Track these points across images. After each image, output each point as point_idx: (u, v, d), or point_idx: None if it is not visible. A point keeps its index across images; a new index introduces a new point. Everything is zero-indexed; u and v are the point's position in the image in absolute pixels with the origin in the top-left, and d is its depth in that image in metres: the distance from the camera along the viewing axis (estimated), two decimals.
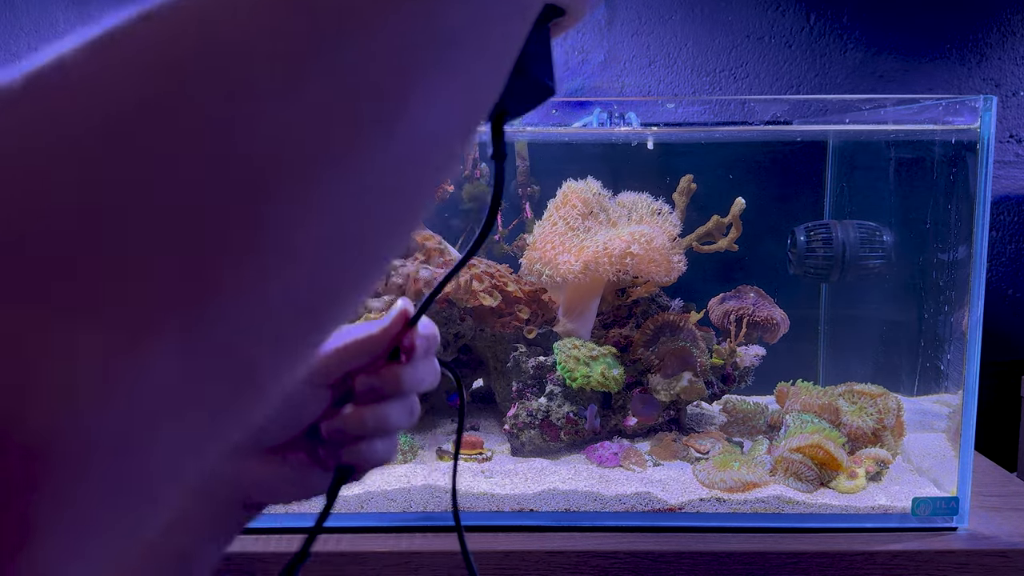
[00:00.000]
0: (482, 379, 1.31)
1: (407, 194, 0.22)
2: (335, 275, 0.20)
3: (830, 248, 1.08)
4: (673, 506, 0.97)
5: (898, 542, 0.92)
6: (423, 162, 0.22)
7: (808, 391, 1.11)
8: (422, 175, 0.22)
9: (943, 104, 0.97)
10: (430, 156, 0.22)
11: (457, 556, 0.90)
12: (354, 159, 0.19)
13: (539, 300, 1.20)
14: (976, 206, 0.94)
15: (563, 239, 1.16)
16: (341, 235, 0.20)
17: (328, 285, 0.20)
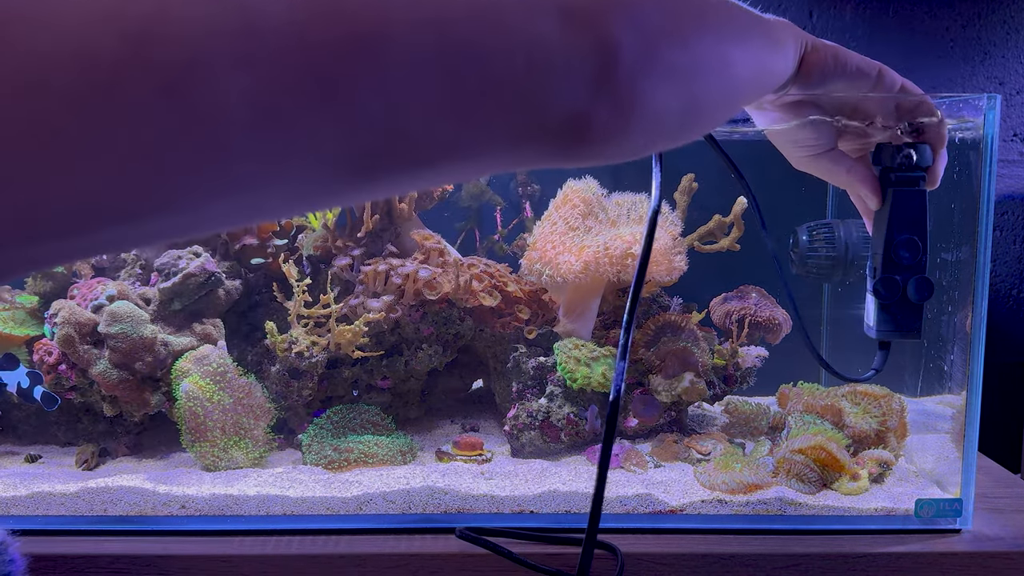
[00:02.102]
0: (482, 380, 1.30)
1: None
2: None
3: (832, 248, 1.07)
4: (674, 508, 0.96)
5: (901, 544, 0.92)
6: None
7: (810, 392, 1.10)
8: None
9: (946, 103, 0.96)
10: None
11: (457, 557, 0.89)
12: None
13: (539, 300, 1.20)
14: (980, 205, 0.93)
15: (563, 239, 1.15)
16: None
17: None
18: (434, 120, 0.28)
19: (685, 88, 0.37)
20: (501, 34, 0.29)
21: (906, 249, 0.87)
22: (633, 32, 0.32)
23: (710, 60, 0.38)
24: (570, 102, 0.31)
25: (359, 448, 1.04)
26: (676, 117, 0.37)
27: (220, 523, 0.95)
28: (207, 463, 1.04)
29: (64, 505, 0.96)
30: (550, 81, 0.30)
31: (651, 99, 0.34)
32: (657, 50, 0.34)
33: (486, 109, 0.29)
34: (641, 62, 0.33)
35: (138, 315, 1.07)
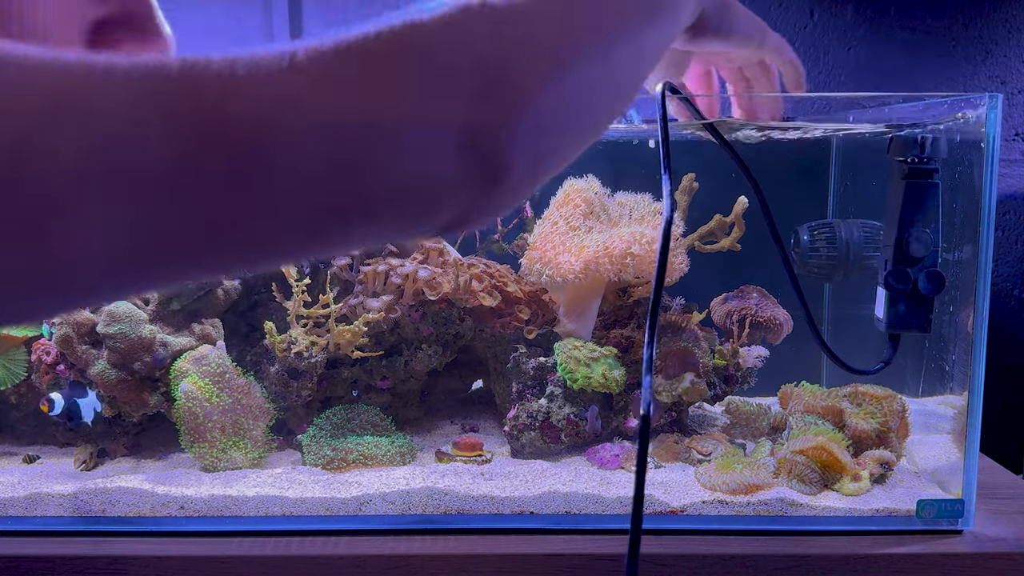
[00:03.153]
0: (482, 380, 1.30)
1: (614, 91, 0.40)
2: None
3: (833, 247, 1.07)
4: (675, 508, 0.96)
5: (902, 545, 0.91)
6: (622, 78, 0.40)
7: (811, 392, 1.10)
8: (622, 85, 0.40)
9: (948, 102, 0.96)
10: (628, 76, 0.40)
11: (457, 559, 0.89)
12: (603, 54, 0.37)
13: (539, 300, 1.19)
14: (981, 205, 0.93)
15: (564, 239, 1.15)
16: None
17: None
18: (303, 237, 0.30)
19: (575, 139, 0.38)
20: (388, 168, 0.30)
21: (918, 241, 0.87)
22: (524, 146, 0.33)
23: (599, 97, 0.38)
24: (450, 216, 0.33)
25: (358, 449, 1.04)
26: (569, 159, 0.38)
27: (219, 524, 0.95)
28: (206, 464, 1.04)
29: (62, 506, 0.96)
30: (432, 208, 0.32)
31: (536, 178, 0.35)
32: (546, 147, 0.35)
33: (363, 227, 0.31)
34: (530, 166, 0.34)
35: (137, 315, 1.06)
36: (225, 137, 0.26)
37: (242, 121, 0.26)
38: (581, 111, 0.37)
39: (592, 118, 0.39)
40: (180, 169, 0.25)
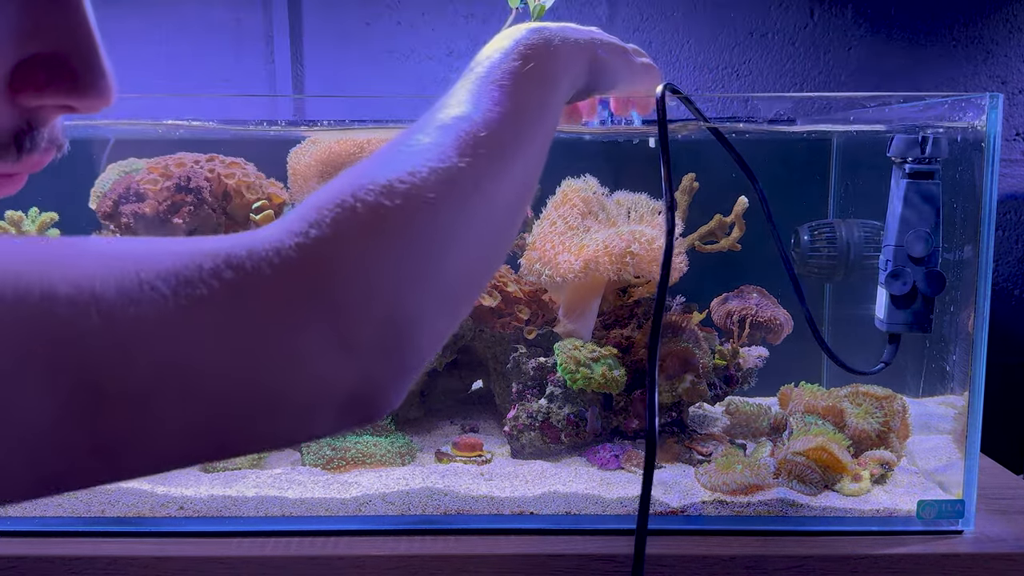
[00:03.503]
0: (481, 380, 1.30)
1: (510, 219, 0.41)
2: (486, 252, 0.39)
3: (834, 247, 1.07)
4: (675, 509, 0.96)
5: (903, 545, 0.91)
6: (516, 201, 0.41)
7: (812, 393, 1.10)
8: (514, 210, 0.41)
9: (949, 102, 0.95)
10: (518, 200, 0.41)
11: (457, 559, 0.89)
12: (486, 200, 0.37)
13: (539, 300, 1.19)
14: (982, 205, 0.92)
15: (563, 238, 1.15)
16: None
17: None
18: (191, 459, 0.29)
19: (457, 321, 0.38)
20: (270, 423, 0.29)
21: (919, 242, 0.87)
22: (404, 387, 0.33)
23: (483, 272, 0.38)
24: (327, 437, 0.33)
25: (358, 449, 1.04)
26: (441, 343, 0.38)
27: (219, 524, 0.95)
28: (205, 464, 1.04)
29: (62, 506, 0.96)
30: (313, 437, 0.31)
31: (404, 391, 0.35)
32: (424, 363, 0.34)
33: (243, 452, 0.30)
34: (405, 390, 0.34)
35: None
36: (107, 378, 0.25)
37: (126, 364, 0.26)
38: (460, 303, 0.36)
39: (475, 289, 0.38)
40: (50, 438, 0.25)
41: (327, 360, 0.29)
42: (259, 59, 1.45)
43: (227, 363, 0.27)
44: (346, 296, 0.29)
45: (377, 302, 0.30)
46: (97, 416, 0.26)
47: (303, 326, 0.28)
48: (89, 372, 0.25)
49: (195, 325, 0.27)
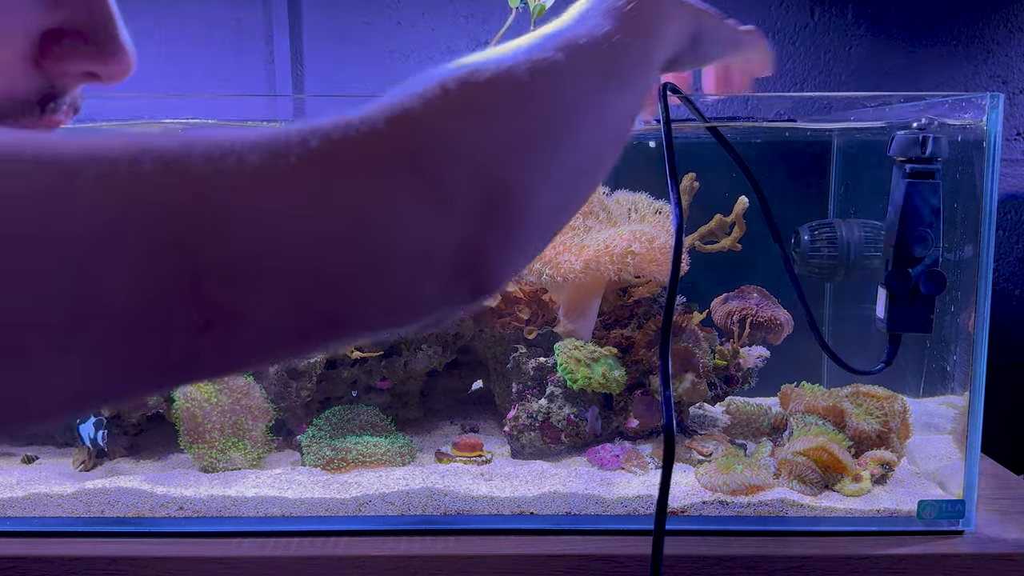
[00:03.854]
0: (481, 380, 1.29)
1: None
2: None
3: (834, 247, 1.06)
4: (675, 509, 0.96)
5: (903, 546, 0.91)
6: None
7: (812, 393, 1.10)
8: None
9: (949, 102, 0.95)
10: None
11: (457, 559, 0.89)
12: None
13: (539, 300, 1.19)
14: (983, 205, 0.92)
15: (563, 238, 1.14)
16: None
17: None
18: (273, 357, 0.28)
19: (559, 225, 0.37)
20: (372, 292, 0.28)
21: (919, 242, 0.87)
22: (513, 262, 0.33)
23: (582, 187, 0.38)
24: (436, 319, 0.32)
25: (358, 449, 1.04)
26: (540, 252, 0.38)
27: (218, 525, 0.95)
28: (205, 464, 1.04)
29: (61, 506, 0.96)
30: (413, 322, 0.31)
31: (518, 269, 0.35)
32: (531, 249, 0.34)
33: (336, 342, 0.30)
34: (515, 271, 0.34)
35: None
36: (194, 275, 0.24)
37: (224, 233, 0.25)
38: (564, 200, 0.36)
39: (574, 199, 0.38)
40: (141, 311, 0.24)
41: (422, 222, 0.29)
42: (259, 59, 1.45)
43: (322, 226, 0.27)
44: (436, 161, 0.29)
45: (467, 169, 0.30)
46: (200, 291, 0.25)
47: (396, 188, 0.28)
48: (186, 246, 0.24)
49: (287, 191, 0.26)
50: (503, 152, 0.32)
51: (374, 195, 0.28)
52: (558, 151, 0.34)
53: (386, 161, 0.28)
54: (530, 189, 0.32)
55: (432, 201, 0.29)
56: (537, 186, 0.33)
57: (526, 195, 0.32)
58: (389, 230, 0.28)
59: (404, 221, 0.28)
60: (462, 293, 0.31)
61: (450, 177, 0.29)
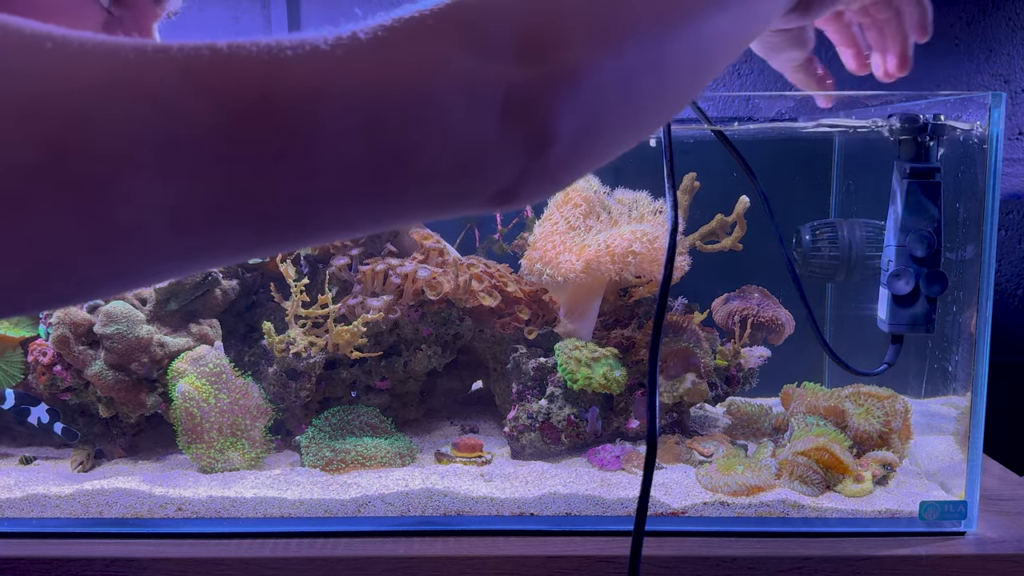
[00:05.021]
0: (481, 381, 1.29)
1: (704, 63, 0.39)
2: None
3: (836, 247, 1.06)
4: (676, 510, 0.95)
5: (905, 547, 0.90)
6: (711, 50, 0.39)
7: (814, 393, 1.09)
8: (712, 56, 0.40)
9: (951, 101, 0.95)
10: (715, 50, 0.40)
11: (457, 560, 0.88)
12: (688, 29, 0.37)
13: (540, 300, 1.18)
14: (984, 204, 0.92)
15: (564, 238, 1.14)
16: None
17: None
18: (355, 208, 0.31)
19: (630, 121, 0.37)
20: (436, 135, 0.30)
21: (920, 242, 0.86)
22: (571, 115, 0.33)
23: (659, 81, 0.37)
24: (498, 186, 0.33)
25: (357, 450, 1.03)
26: (620, 146, 0.38)
27: (217, 525, 0.94)
28: (204, 465, 1.03)
29: (59, 507, 0.95)
30: (480, 175, 0.32)
31: (586, 155, 0.35)
32: (596, 124, 0.34)
33: (413, 196, 0.31)
34: (578, 140, 0.34)
35: (134, 315, 1.06)
36: (271, 110, 0.27)
37: (288, 94, 0.27)
38: (638, 93, 0.36)
39: (652, 102, 0.38)
40: (229, 142, 0.27)
41: (470, 66, 0.30)
42: None
43: (389, 82, 0.29)
44: (485, 15, 0.31)
45: (505, 17, 0.32)
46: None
47: (444, 35, 0.31)
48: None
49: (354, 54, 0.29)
50: (556, 13, 0.33)
51: (428, 50, 0.30)
52: (626, 17, 0.34)
53: (437, 26, 0.31)
54: (584, 45, 0.33)
55: (476, 48, 0.31)
56: (596, 45, 0.33)
57: (576, 47, 0.32)
58: (442, 77, 0.30)
59: (454, 67, 0.30)
60: (516, 133, 0.32)
61: (491, 25, 0.31)
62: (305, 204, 0.29)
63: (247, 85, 0.27)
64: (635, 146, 0.40)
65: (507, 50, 0.31)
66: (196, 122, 0.26)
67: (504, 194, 0.33)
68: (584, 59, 0.32)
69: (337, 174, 0.29)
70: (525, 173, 0.33)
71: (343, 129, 0.28)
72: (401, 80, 0.29)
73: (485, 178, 0.32)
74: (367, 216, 0.32)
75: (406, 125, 0.29)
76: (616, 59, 0.34)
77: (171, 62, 0.26)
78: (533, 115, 0.31)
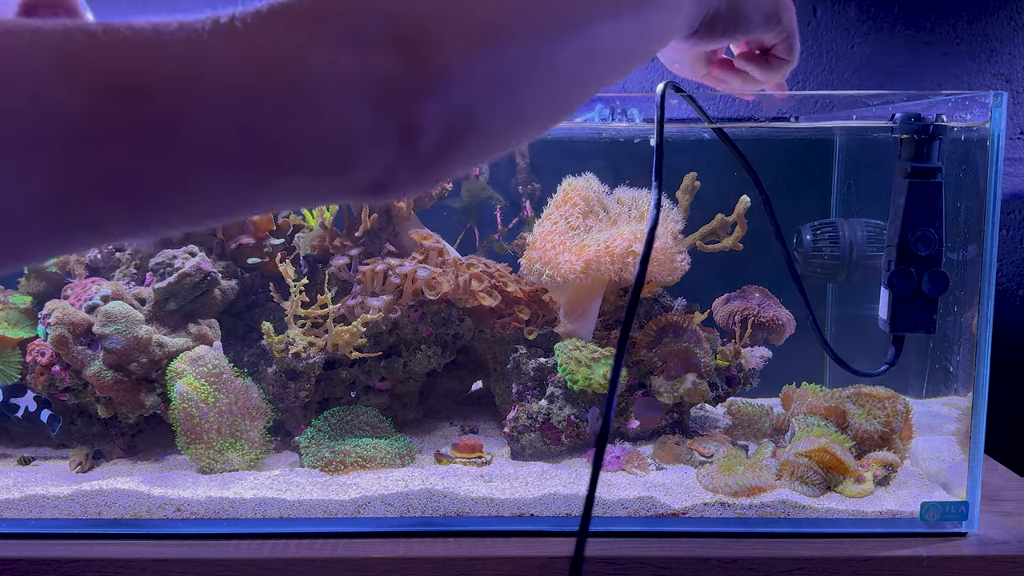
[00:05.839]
0: (481, 381, 1.29)
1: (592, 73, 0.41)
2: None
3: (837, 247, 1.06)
4: (676, 511, 0.95)
5: (906, 547, 0.90)
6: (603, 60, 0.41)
7: (814, 393, 1.09)
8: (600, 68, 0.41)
9: (952, 100, 0.95)
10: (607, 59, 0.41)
11: (456, 561, 0.88)
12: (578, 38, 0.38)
13: (540, 300, 1.18)
14: (986, 204, 0.92)
15: (564, 238, 1.14)
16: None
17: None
18: (227, 195, 0.31)
19: (507, 125, 0.37)
20: (306, 125, 0.31)
21: (922, 242, 0.86)
22: (442, 111, 0.33)
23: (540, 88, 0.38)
24: (370, 177, 0.33)
25: (357, 450, 1.03)
26: (497, 146, 0.38)
27: (216, 526, 0.94)
28: (203, 465, 1.03)
29: (58, 508, 0.95)
30: (351, 166, 0.32)
31: (460, 155, 0.35)
32: (469, 124, 0.35)
33: (285, 184, 0.32)
34: (450, 138, 0.34)
35: (133, 315, 1.05)
36: (140, 99, 0.28)
37: (158, 84, 0.28)
38: (523, 93, 0.36)
39: (541, 102, 0.38)
40: (96, 129, 0.27)
41: (345, 53, 0.31)
42: None
43: (260, 72, 0.30)
44: (361, 7, 0.32)
45: (385, 9, 0.32)
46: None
47: (317, 24, 0.31)
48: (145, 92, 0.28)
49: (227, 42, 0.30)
50: (436, 13, 0.33)
51: (301, 39, 0.31)
52: (503, 20, 0.35)
53: (307, 16, 0.31)
54: (457, 44, 0.33)
55: (350, 39, 0.31)
56: (469, 45, 0.34)
57: (449, 46, 0.33)
58: (314, 67, 0.30)
59: (326, 58, 0.31)
60: (389, 133, 0.32)
61: (365, 17, 0.32)
62: (175, 191, 0.30)
63: (117, 72, 0.27)
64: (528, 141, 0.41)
65: (380, 43, 0.31)
66: (65, 108, 0.27)
67: (377, 185, 0.34)
68: (455, 58, 0.33)
69: (207, 162, 0.29)
70: (396, 166, 0.33)
71: (212, 117, 0.29)
72: (272, 69, 0.30)
73: (356, 169, 0.33)
74: (241, 202, 0.32)
75: (276, 114, 0.30)
76: (493, 59, 0.34)
77: (43, 49, 0.27)
78: (403, 109, 0.32)
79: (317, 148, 0.31)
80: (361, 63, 0.31)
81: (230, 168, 0.30)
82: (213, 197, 0.31)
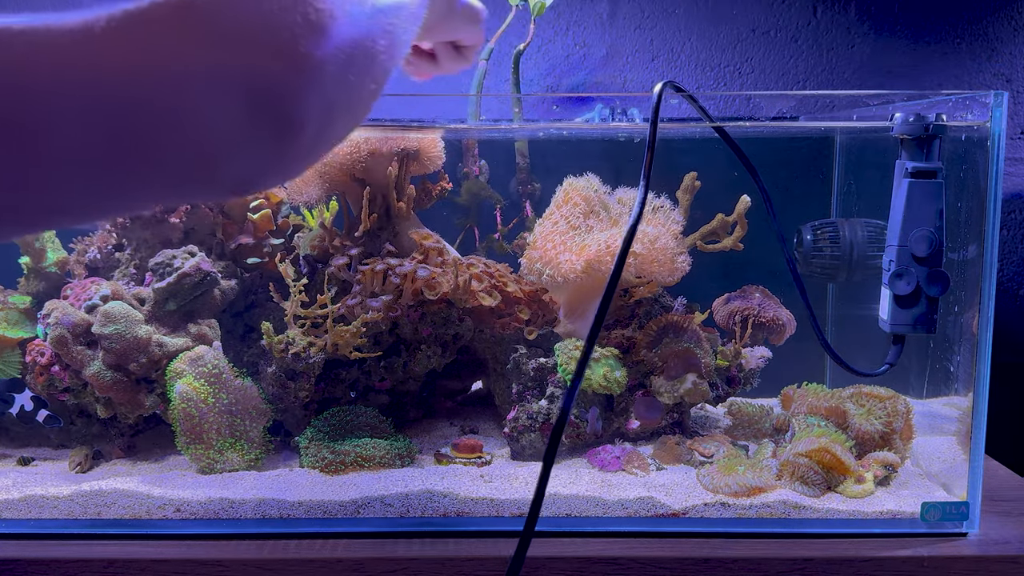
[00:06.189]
0: (481, 381, 1.29)
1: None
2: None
3: (837, 247, 1.06)
4: (677, 511, 0.95)
5: (907, 548, 0.90)
6: None
7: (815, 393, 1.09)
8: None
9: (953, 100, 0.94)
10: None
11: (456, 561, 0.88)
12: None
13: (540, 300, 1.18)
14: (986, 204, 0.92)
15: (564, 238, 1.14)
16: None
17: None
18: (94, 196, 0.31)
19: (350, 119, 0.38)
20: (173, 127, 0.30)
21: (922, 242, 0.86)
22: (316, 104, 0.33)
23: (373, 84, 0.39)
24: (240, 175, 0.33)
25: (356, 451, 1.03)
26: (339, 137, 0.39)
27: (216, 527, 0.94)
28: (202, 465, 1.03)
29: (57, 508, 0.95)
30: (222, 166, 0.32)
31: (323, 146, 0.36)
32: (331, 116, 0.35)
33: (153, 185, 0.31)
34: (319, 131, 0.35)
35: (132, 315, 1.05)
36: (8, 90, 0.27)
37: (24, 84, 0.28)
38: (357, 87, 0.37)
39: (360, 97, 0.39)
40: None
41: (213, 53, 0.30)
42: None
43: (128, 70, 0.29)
44: (228, 5, 0.31)
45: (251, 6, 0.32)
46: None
47: (183, 25, 0.30)
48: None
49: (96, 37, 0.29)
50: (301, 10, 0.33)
51: (166, 40, 0.30)
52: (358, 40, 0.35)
53: (176, 12, 0.31)
54: (316, 38, 0.33)
55: (216, 39, 0.31)
56: (325, 38, 0.34)
57: (312, 40, 0.33)
58: (181, 68, 0.30)
59: (195, 59, 0.30)
60: (263, 131, 0.32)
61: (230, 16, 0.31)
62: (42, 191, 0.29)
63: None
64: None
65: (255, 43, 0.31)
66: None
67: (246, 182, 0.34)
68: (316, 49, 0.33)
69: (73, 164, 0.29)
70: (268, 162, 0.33)
71: (78, 120, 0.28)
72: (137, 70, 0.29)
73: (227, 168, 0.32)
74: (112, 204, 0.32)
75: (142, 116, 0.29)
76: (351, 56, 0.35)
77: None
78: (281, 109, 0.32)
79: (187, 151, 0.31)
80: (236, 60, 0.31)
81: (96, 171, 0.30)
82: (81, 199, 0.30)
